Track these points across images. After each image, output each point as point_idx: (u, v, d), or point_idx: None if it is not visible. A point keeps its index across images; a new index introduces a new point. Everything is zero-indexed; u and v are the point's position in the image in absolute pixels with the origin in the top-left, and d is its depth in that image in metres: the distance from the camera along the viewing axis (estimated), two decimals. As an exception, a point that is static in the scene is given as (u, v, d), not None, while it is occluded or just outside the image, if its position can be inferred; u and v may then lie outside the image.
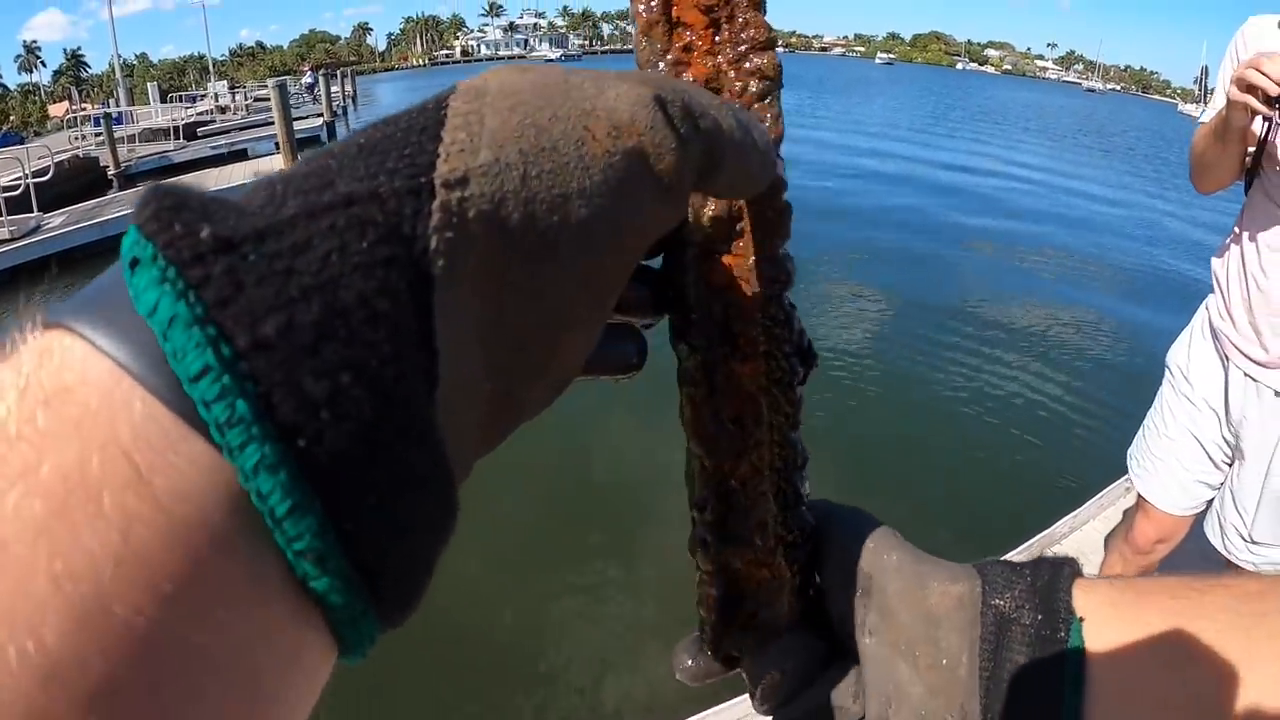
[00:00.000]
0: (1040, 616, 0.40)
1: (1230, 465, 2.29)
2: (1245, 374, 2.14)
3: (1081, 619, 0.39)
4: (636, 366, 0.37)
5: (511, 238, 0.22)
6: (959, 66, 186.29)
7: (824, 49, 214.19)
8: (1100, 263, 10.39)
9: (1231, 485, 2.25)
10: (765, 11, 0.41)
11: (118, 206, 12.93)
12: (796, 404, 0.44)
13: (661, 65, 0.40)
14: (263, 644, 0.18)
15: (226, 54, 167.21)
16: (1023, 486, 4.88)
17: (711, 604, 0.46)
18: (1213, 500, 2.34)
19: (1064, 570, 0.41)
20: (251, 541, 0.17)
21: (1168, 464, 2.36)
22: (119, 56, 43.64)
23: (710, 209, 0.40)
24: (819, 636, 0.46)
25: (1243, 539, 2.21)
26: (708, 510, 0.44)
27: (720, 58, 0.41)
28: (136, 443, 0.16)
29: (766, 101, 0.41)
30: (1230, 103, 1.89)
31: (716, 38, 0.41)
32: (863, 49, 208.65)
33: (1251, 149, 1.99)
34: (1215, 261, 2.28)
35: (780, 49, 0.44)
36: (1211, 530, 2.33)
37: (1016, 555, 3.11)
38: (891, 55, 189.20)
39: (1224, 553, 2.27)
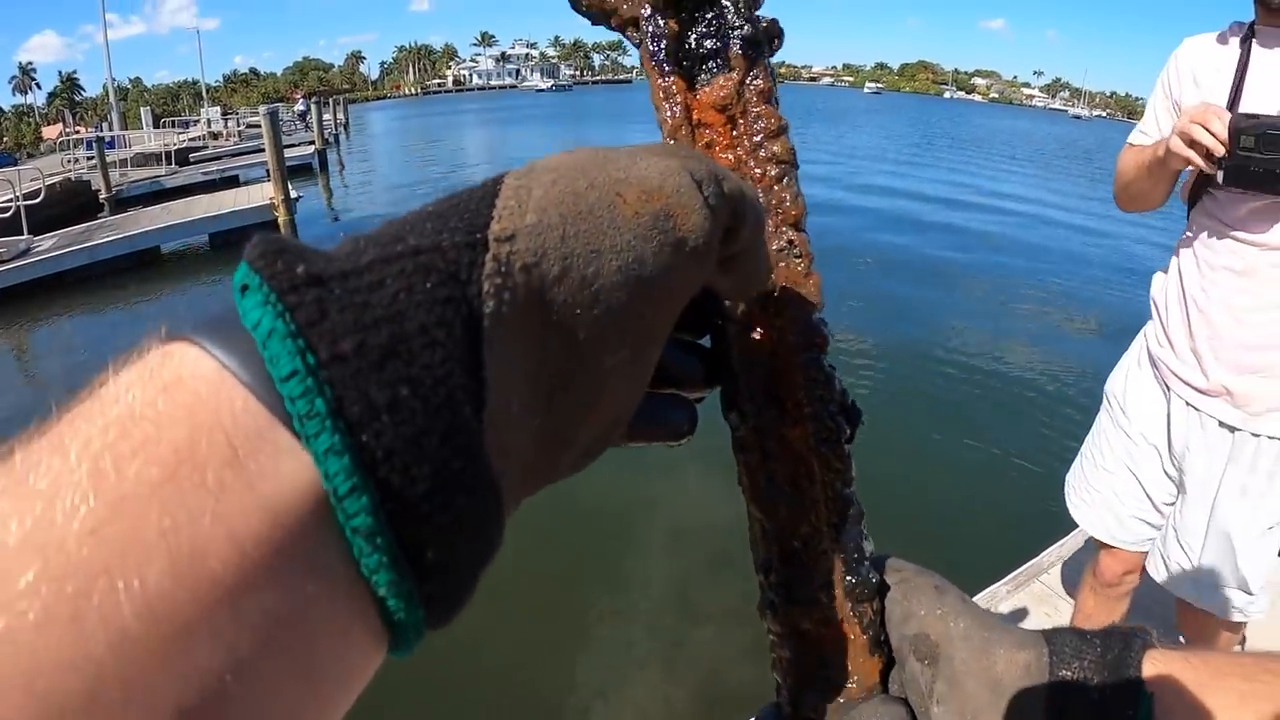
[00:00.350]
0: (1109, 691, 0.39)
1: (1172, 504, 2.18)
2: (1187, 403, 2.04)
3: (1152, 695, 0.38)
4: (688, 433, 0.39)
5: (552, 286, 0.25)
6: (946, 95, 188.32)
7: (813, 79, 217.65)
8: (1087, 293, 10.46)
9: (1175, 522, 2.14)
10: (776, 104, 0.45)
11: (108, 231, 12.92)
12: (846, 461, 0.45)
13: None
14: (321, 614, 0.20)
15: (220, 80, 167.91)
16: (1008, 515, 4.90)
17: (786, 666, 0.46)
18: (1155, 537, 2.24)
19: (1135, 642, 0.41)
20: (321, 524, 0.20)
21: (1104, 496, 2.28)
22: (113, 80, 43.74)
23: None
24: (901, 700, 0.46)
25: (1188, 577, 2.10)
26: (772, 572, 0.46)
27: (739, 149, 0.45)
28: (235, 429, 0.19)
29: (785, 182, 0.45)
30: (1170, 152, 1.85)
31: (734, 132, 0.45)
32: (851, 79, 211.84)
33: (1191, 175, 1.97)
34: (1155, 286, 2.19)
35: None
36: (1155, 568, 2.21)
37: (1004, 584, 3.14)
38: (880, 85, 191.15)
39: (1171, 590, 2.17)
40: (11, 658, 0.16)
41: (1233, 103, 1.82)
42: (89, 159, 19.70)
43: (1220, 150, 1.73)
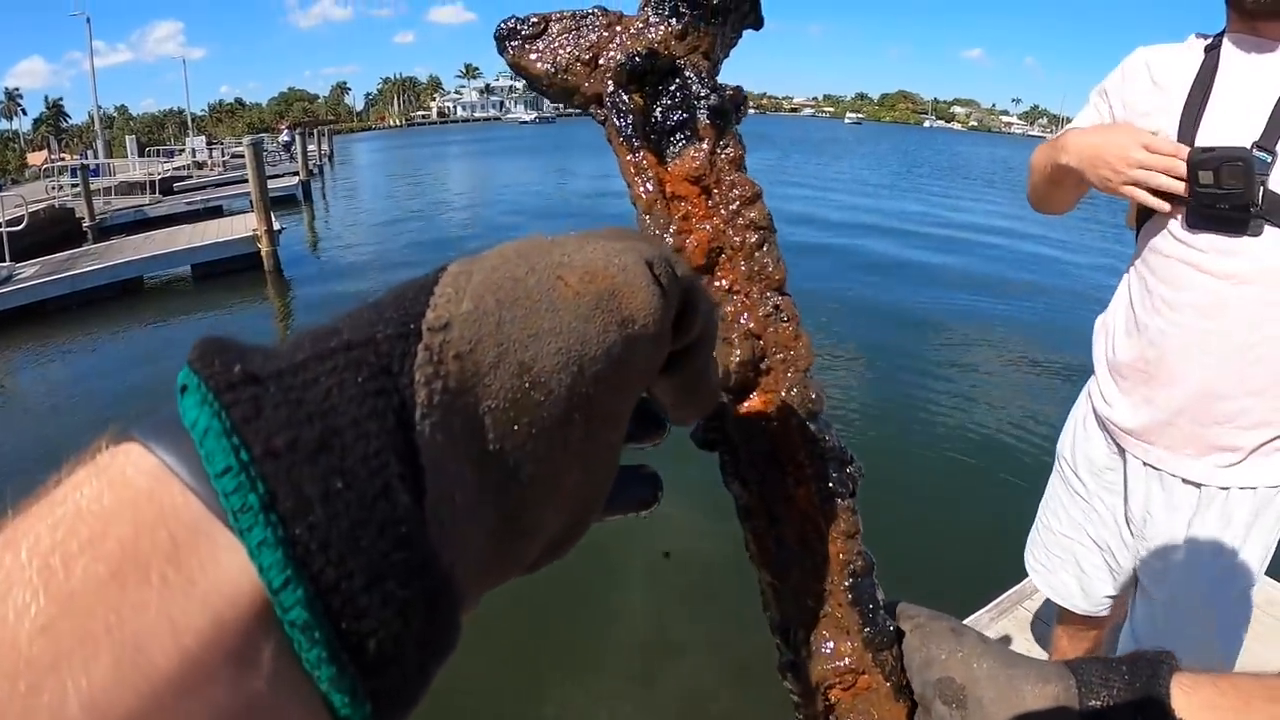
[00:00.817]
0: (1140, 717, 0.39)
1: (1136, 570, 1.94)
2: (1145, 464, 1.80)
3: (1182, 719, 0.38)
4: (651, 503, 0.39)
5: (488, 373, 0.25)
6: (926, 124, 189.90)
7: (794, 110, 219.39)
8: (1065, 319, 10.54)
9: (1142, 591, 1.93)
10: (746, 170, 0.46)
11: (90, 259, 12.86)
12: (853, 514, 0.46)
13: (668, 237, 0.44)
14: (268, 711, 0.20)
15: (206, 109, 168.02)
16: (989, 541, 4.92)
17: None
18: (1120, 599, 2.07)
19: (1162, 668, 0.41)
20: (263, 619, 0.20)
21: (1064, 561, 2.10)
22: (99, 108, 43.79)
23: (736, 355, 0.44)
24: None
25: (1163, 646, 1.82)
26: (790, 632, 0.46)
27: (716, 219, 0.45)
28: (177, 525, 0.20)
29: (765, 248, 0.45)
30: (1114, 183, 1.67)
31: (709, 202, 0.45)
32: (832, 109, 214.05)
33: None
34: (1096, 333, 1.97)
35: (751, 110, 0.50)
36: (1123, 640, 2.04)
37: (987, 612, 3.15)
38: (860, 115, 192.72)
39: None
40: None
41: (1198, 113, 1.61)
42: (73, 186, 19.69)
43: (1179, 189, 1.58)
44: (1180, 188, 1.58)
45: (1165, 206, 1.63)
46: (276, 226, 13.56)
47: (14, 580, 0.18)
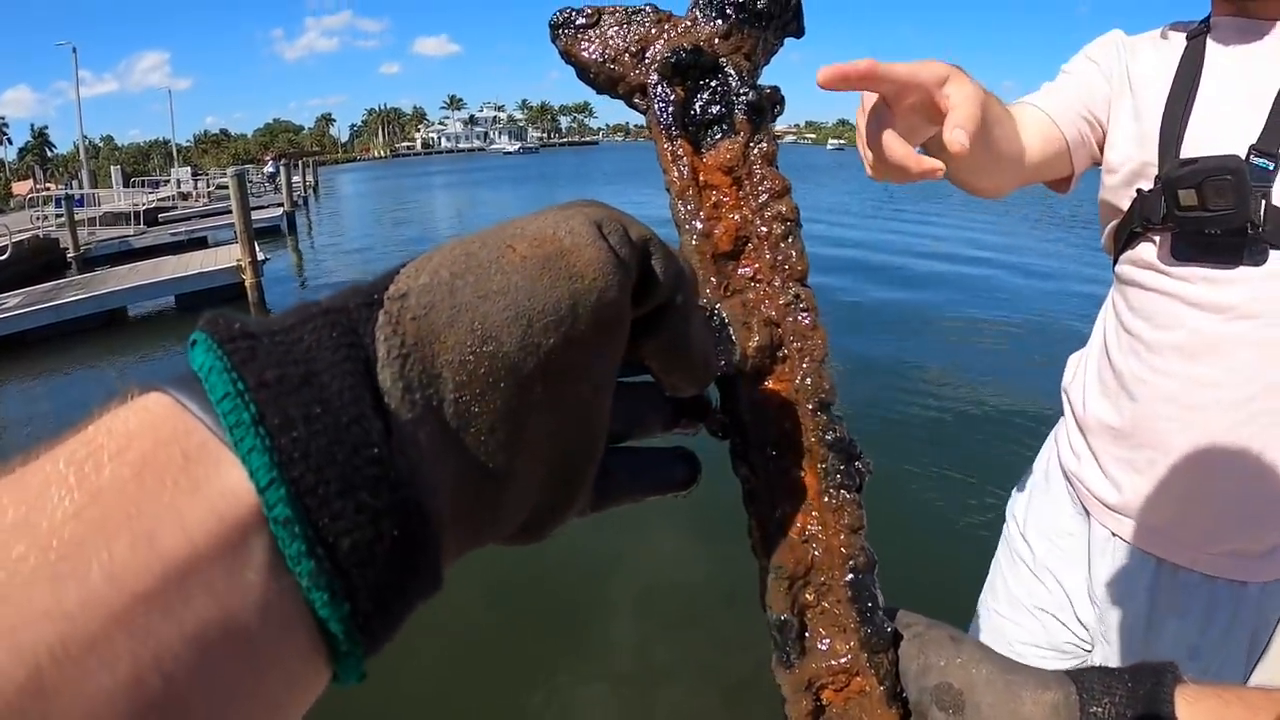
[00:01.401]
0: None
1: (1090, 652, 1.58)
2: (1114, 534, 1.45)
3: None
4: (685, 484, 0.42)
5: (443, 331, 0.29)
6: None
7: (776, 137, 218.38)
8: (1055, 328, 10.52)
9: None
10: (777, 166, 0.48)
11: (75, 290, 12.90)
12: (858, 508, 0.46)
13: (697, 223, 0.47)
14: (258, 603, 0.23)
15: (191, 140, 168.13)
16: (979, 555, 4.94)
17: None
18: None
19: (1166, 677, 0.40)
20: (256, 522, 0.24)
21: (997, 645, 1.46)
22: (84, 138, 43.89)
23: (755, 340, 0.46)
24: None
25: None
26: (786, 626, 0.46)
27: (745, 209, 0.48)
28: (187, 443, 0.24)
29: (790, 240, 0.47)
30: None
31: (740, 193, 0.48)
32: (814, 135, 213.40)
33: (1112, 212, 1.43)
34: (1068, 374, 1.66)
35: None
36: None
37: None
38: (842, 141, 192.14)
39: None
40: (2, 608, 0.19)
41: (1182, 116, 1.30)
42: (58, 216, 19.74)
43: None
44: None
45: (928, 164, 0.94)
46: (261, 257, 13.61)
47: (52, 480, 0.22)
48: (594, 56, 0.47)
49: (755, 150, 0.47)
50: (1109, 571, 1.48)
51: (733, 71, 0.46)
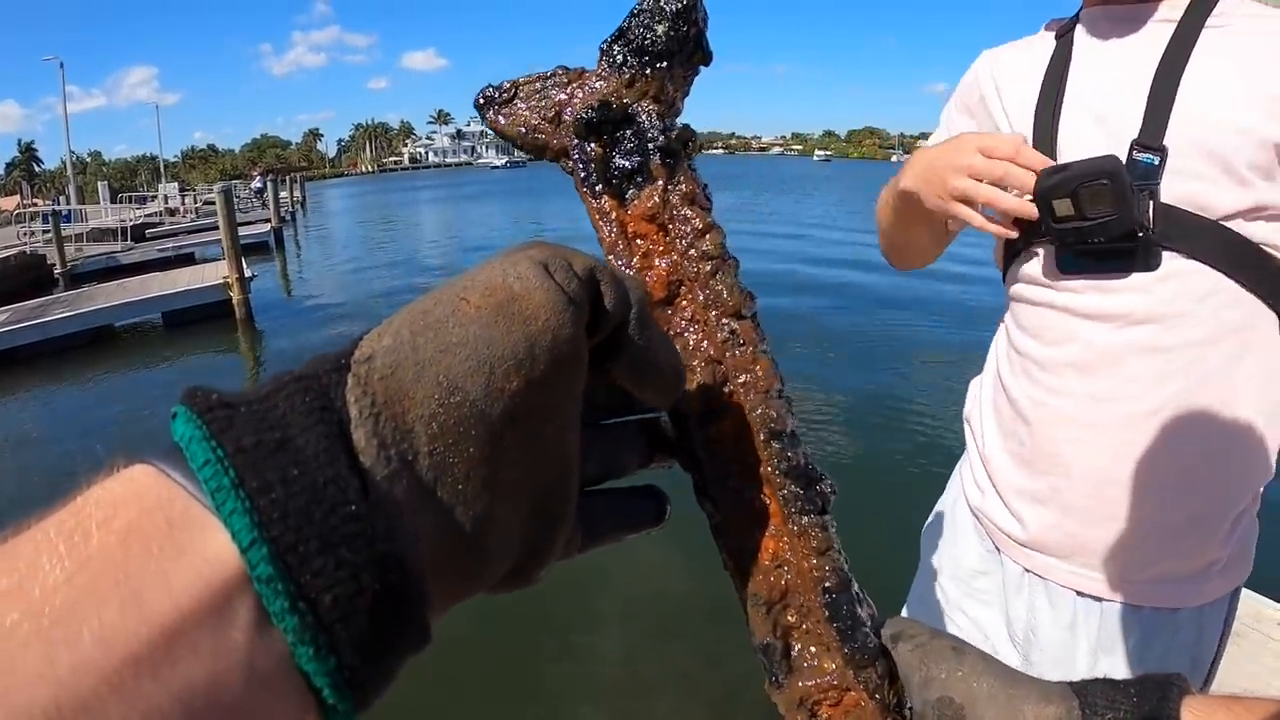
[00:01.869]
0: None
1: None
2: (1027, 570, 1.34)
3: None
4: (656, 520, 0.44)
5: (411, 386, 0.30)
6: (894, 159, 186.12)
7: (763, 149, 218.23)
8: None
9: None
10: (706, 199, 0.48)
11: (62, 307, 12.95)
12: (826, 530, 0.46)
13: (631, 272, 0.47)
14: (245, 662, 0.24)
15: (179, 155, 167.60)
16: None
17: None
18: None
19: (1172, 690, 0.40)
20: (241, 584, 0.25)
21: None
22: (71, 153, 43.79)
23: (697, 377, 0.47)
24: None
25: None
26: (772, 650, 0.46)
27: (674, 253, 0.47)
28: (171, 510, 0.25)
29: (719, 275, 0.47)
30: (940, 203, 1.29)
31: (667, 237, 0.47)
32: (800, 147, 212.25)
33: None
34: (969, 401, 1.55)
35: (720, 150, 0.69)
36: None
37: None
38: (829, 152, 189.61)
39: None
40: None
41: (1053, 116, 1.22)
42: (45, 232, 19.72)
43: (1031, 212, 1.18)
44: (1032, 209, 1.17)
45: (1009, 233, 1.24)
46: (249, 274, 13.67)
47: (42, 549, 0.23)
48: (518, 130, 0.48)
49: (675, 194, 0.47)
50: (1027, 611, 1.36)
51: (645, 118, 0.47)
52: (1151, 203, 1.11)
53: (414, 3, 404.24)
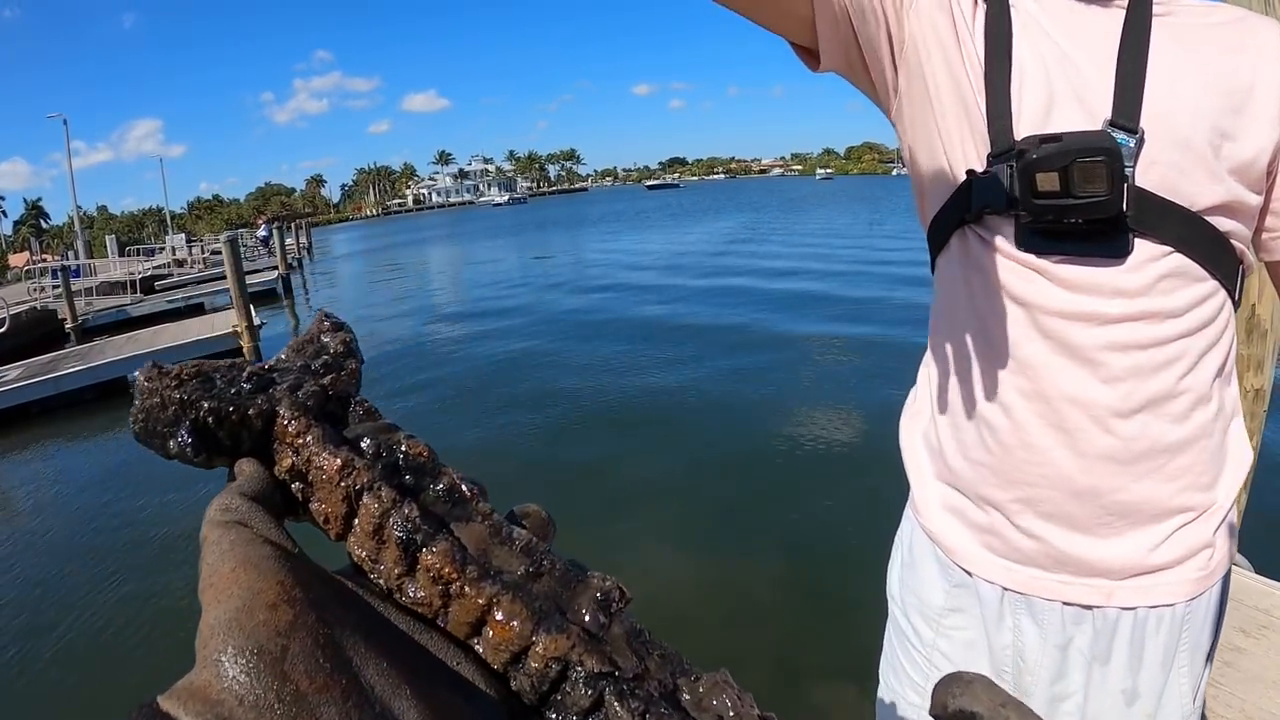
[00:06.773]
0: None
1: None
2: (1006, 590, 1.20)
3: None
4: None
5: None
6: (894, 172, 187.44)
7: (763, 171, 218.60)
8: None
9: None
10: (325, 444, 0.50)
11: (73, 361, 13.03)
12: (515, 553, 0.52)
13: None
14: None
15: (185, 206, 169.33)
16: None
17: None
18: None
19: None
20: None
21: None
22: (78, 208, 44.27)
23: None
24: None
25: None
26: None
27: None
28: None
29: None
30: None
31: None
32: (800, 167, 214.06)
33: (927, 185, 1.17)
34: (905, 416, 1.37)
35: (722, 175, 0.57)
36: None
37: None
38: (829, 170, 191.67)
39: None
40: None
41: (1005, 81, 1.06)
42: (55, 287, 19.98)
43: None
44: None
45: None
46: (257, 322, 13.78)
47: None
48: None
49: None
50: (1012, 635, 1.23)
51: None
52: (1125, 186, 0.99)
53: (414, 44, 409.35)
